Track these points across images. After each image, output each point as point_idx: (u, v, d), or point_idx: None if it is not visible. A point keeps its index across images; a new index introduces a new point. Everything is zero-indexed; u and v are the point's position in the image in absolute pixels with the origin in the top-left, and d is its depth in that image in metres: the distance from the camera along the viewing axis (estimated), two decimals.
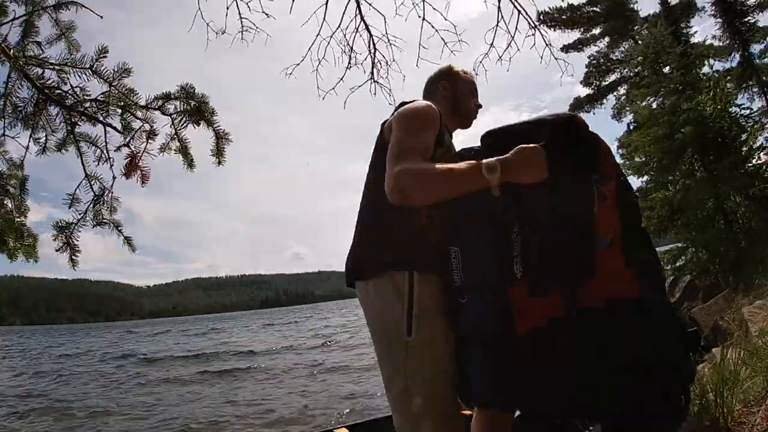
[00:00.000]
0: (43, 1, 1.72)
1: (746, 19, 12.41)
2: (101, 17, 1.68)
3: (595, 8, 15.03)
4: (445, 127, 1.39)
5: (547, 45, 2.96)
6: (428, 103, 1.36)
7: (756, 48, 12.75)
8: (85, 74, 1.52)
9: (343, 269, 1.41)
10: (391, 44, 2.88)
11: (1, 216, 1.86)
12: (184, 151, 1.90)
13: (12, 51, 1.62)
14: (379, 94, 3.00)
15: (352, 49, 2.89)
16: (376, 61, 2.93)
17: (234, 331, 27.71)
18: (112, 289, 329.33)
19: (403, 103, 1.39)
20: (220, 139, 1.82)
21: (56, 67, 1.58)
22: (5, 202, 1.90)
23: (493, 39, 2.92)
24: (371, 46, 2.91)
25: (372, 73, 2.95)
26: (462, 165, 1.12)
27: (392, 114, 1.37)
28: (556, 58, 3.02)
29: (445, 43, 2.88)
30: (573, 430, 1.75)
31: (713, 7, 12.66)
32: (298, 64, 2.88)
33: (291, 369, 9.59)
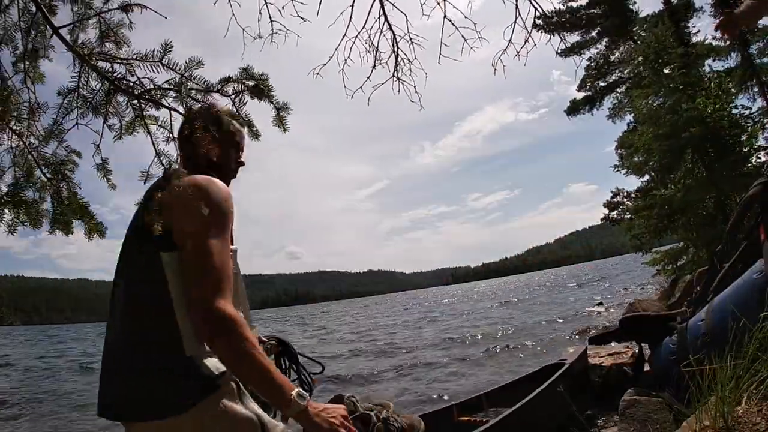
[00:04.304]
0: (105, 5, 1.86)
1: None
2: (165, 18, 1.80)
3: (593, 10, 15.04)
4: None
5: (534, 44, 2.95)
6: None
7: (755, 48, 12.73)
8: (155, 67, 1.70)
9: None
10: (413, 43, 2.91)
11: (67, 200, 1.99)
12: (248, 123, 2.13)
13: (82, 49, 1.79)
14: (375, 94, 3.07)
15: (377, 49, 2.93)
16: (399, 59, 2.96)
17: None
18: None
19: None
20: (280, 110, 2.04)
21: (125, 61, 1.75)
22: (61, 187, 2.03)
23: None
24: (394, 45, 2.94)
25: (395, 70, 2.99)
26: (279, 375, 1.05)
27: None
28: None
29: (465, 41, 2.90)
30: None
31: (713, 8, 12.67)
32: (324, 65, 2.94)
33: None
